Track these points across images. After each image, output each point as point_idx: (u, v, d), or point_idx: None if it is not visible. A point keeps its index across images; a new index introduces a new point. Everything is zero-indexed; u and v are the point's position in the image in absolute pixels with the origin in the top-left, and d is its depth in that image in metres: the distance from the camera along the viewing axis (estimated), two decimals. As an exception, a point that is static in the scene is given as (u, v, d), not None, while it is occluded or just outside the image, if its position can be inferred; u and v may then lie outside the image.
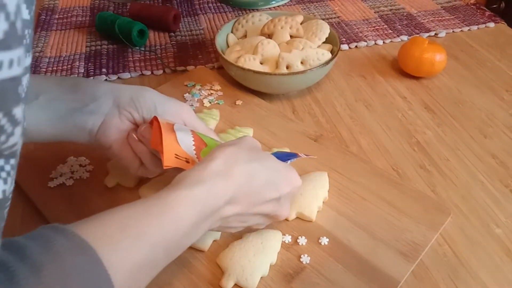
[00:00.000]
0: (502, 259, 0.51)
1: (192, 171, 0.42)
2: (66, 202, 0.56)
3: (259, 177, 0.44)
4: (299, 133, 0.65)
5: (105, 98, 0.50)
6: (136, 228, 0.36)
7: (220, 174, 0.41)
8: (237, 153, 0.44)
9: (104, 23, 0.88)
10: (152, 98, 0.51)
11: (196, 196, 0.40)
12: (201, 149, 0.48)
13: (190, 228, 0.39)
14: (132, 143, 0.50)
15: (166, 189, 0.40)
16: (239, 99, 0.72)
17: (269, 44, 0.73)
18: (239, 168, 0.43)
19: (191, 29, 0.94)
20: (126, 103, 0.50)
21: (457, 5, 1.01)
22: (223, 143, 0.47)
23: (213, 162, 0.42)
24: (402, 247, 0.50)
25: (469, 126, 0.69)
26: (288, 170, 0.48)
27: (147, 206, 0.38)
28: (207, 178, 0.41)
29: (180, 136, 0.47)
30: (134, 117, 0.51)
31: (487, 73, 0.81)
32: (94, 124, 0.50)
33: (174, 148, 0.46)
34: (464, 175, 0.61)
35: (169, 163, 0.46)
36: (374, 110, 0.72)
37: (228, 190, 0.42)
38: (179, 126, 0.49)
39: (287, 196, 0.47)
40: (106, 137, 0.50)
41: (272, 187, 0.45)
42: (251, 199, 0.44)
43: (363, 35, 0.91)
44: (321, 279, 0.47)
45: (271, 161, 0.47)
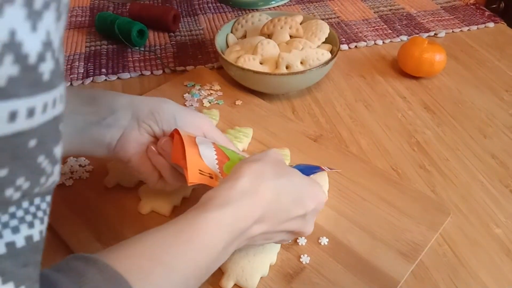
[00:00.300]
0: (502, 259, 0.51)
1: (219, 191, 0.40)
2: (66, 202, 0.56)
3: (286, 194, 0.43)
4: (299, 133, 0.65)
5: (123, 111, 0.49)
6: (167, 256, 0.35)
7: (247, 194, 0.40)
8: (263, 169, 0.43)
9: (103, 23, 0.88)
10: (171, 111, 0.50)
11: (225, 219, 0.38)
12: (224, 163, 0.47)
13: (220, 253, 0.38)
14: (151, 157, 0.49)
15: (193, 210, 0.39)
16: (238, 99, 0.72)
17: (269, 44, 0.73)
18: (266, 186, 0.41)
19: (191, 29, 0.94)
20: (146, 116, 0.49)
21: (456, 5, 1.01)
22: (247, 157, 0.46)
23: (240, 181, 0.41)
24: (402, 247, 0.50)
25: (469, 126, 0.69)
26: (314, 185, 0.46)
27: (176, 231, 0.37)
28: (235, 198, 0.40)
29: (202, 150, 0.46)
30: (153, 130, 0.50)
31: (487, 73, 0.81)
32: (112, 138, 0.48)
33: (198, 164, 0.45)
34: (464, 175, 0.61)
35: (194, 179, 0.44)
36: (373, 110, 0.72)
37: (256, 210, 0.40)
38: (200, 139, 0.47)
39: (313, 212, 0.46)
40: (125, 151, 0.49)
41: (298, 204, 0.44)
42: (278, 217, 0.42)
43: (363, 35, 0.91)
44: (321, 279, 0.47)
45: (297, 177, 0.45)
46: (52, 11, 0.22)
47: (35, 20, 0.21)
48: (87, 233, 0.52)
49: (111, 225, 0.53)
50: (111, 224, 0.53)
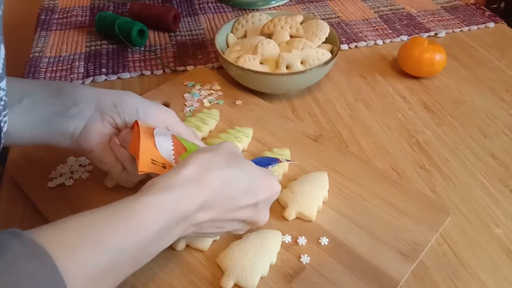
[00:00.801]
0: (502, 259, 0.51)
1: (162, 177, 0.41)
2: (66, 202, 0.56)
3: (235, 183, 0.43)
4: (299, 133, 0.65)
5: (87, 103, 0.50)
6: (97, 235, 0.35)
7: (191, 180, 0.41)
8: (213, 158, 0.43)
9: (104, 23, 0.88)
10: (134, 103, 0.51)
11: (163, 203, 0.39)
12: (180, 153, 0.48)
13: (156, 235, 0.38)
14: (113, 148, 0.50)
15: (134, 195, 0.40)
16: (239, 99, 0.72)
17: (269, 44, 0.73)
18: (214, 174, 0.42)
19: (191, 29, 0.94)
20: (109, 108, 0.50)
21: (457, 5, 1.01)
22: (201, 148, 0.47)
23: (185, 168, 0.41)
24: (402, 247, 0.50)
25: (469, 126, 0.69)
26: (267, 175, 0.47)
27: (110, 212, 0.38)
28: (177, 184, 0.40)
29: (159, 140, 0.47)
30: (116, 122, 0.51)
31: (487, 73, 0.81)
32: (76, 128, 0.50)
33: (151, 153, 0.46)
34: (464, 175, 0.61)
35: (144, 168, 0.45)
36: (374, 110, 0.72)
37: (200, 196, 0.41)
38: (159, 131, 0.48)
39: (266, 201, 0.46)
40: (88, 142, 0.50)
41: (249, 193, 0.44)
42: (226, 205, 0.43)
43: (363, 35, 0.91)
44: (321, 279, 0.47)
45: (249, 167, 0.46)
46: None
47: None
48: (87, 233, 0.52)
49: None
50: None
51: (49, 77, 0.80)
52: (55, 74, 0.80)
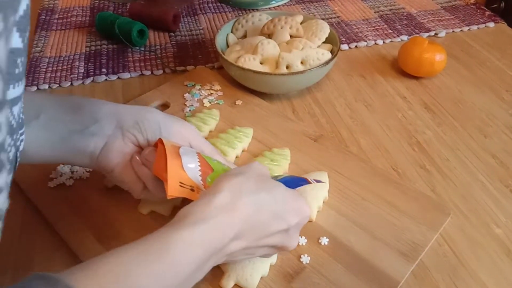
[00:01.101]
0: (502, 259, 0.51)
1: (195, 207, 0.39)
2: (66, 202, 0.56)
3: (266, 209, 0.41)
4: (299, 133, 0.65)
5: (107, 120, 0.48)
6: (132, 277, 0.34)
7: (225, 209, 0.39)
8: (243, 183, 0.41)
9: (104, 23, 0.88)
10: (156, 120, 0.49)
11: (199, 237, 0.37)
12: (207, 174, 0.46)
13: (192, 272, 0.37)
14: (135, 167, 0.48)
15: (167, 227, 0.38)
16: (239, 99, 0.72)
17: (269, 44, 0.73)
18: (245, 201, 0.40)
19: (191, 29, 0.94)
20: (130, 125, 0.48)
21: (457, 5, 1.01)
22: (230, 171, 0.44)
23: (217, 197, 0.39)
24: (402, 247, 0.50)
25: (469, 126, 0.69)
26: (297, 199, 0.45)
27: (144, 250, 0.36)
28: (211, 215, 0.38)
29: (185, 161, 0.45)
30: (138, 139, 0.49)
31: (487, 73, 0.81)
32: (95, 147, 0.48)
33: (179, 176, 0.44)
34: (464, 175, 0.61)
35: (173, 193, 0.43)
36: (374, 110, 0.72)
37: (234, 226, 0.39)
38: (185, 150, 0.46)
39: (296, 227, 0.44)
40: (108, 161, 0.48)
41: (280, 219, 0.42)
42: (258, 233, 0.41)
43: (363, 35, 0.91)
44: (321, 279, 0.47)
45: (279, 190, 0.44)
46: None
47: None
48: (87, 233, 0.52)
49: (111, 225, 0.53)
50: (111, 224, 0.53)
51: (49, 77, 0.80)
52: (55, 74, 0.80)
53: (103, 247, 0.50)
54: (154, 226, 0.53)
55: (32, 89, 0.77)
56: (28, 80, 0.79)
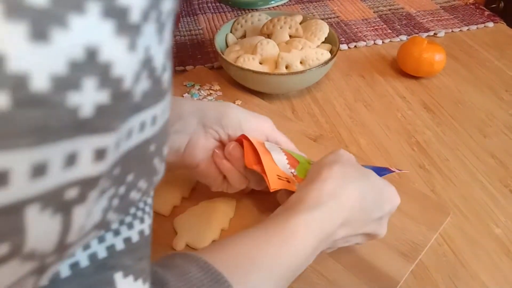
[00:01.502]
0: (502, 259, 0.51)
1: (307, 193, 0.41)
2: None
3: (368, 196, 0.43)
4: (298, 133, 0.65)
5: (190, 117, 0.49)
6: (264, 259, 0.36)
7: (334, 196, 0.40)
8: (345, 171, 0.43)
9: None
10: (237, 116, 0.50)
11: (315, 221, 0.39)
12: (294, 166, 0.48)
13: (311, 254, 0.39)
14: (218, 162, 0.49)
15: (284, 212, 0.40)
16: (238, 99, 0.72)
17: (268, 44, 0.72)
18: (351, 189, 0.42)
19: (190, 29, 0.94)
20: (212, 122, 0.49)
21: (456, 5, 1.01)
22: (321, 160, 0.46)
23: (326, 183, 0.41)
24: (402, 247, 0.50)
25: (468, 126, 0.69)
26: (389, 187, 0.46)
27: (269, 234, 0.38)
28: (323, 200, 0.40)
29: (274, 155, 0.47)
30: (220, 135, 0.50)
31: (487, 73, 0.81)
32: (181, 144, 0.49)
33: (275, 169, 0.46)
34: (463, 175, 0.61)
35: (275, 185, 0.45)
36: (373, 110, 0.72)
37: (343, 213, 0.41)
38: (269, 145, 0.48)
39: (388, 215, 0.45)
40: (193, 157, 0.49)
41: (378, 207, 0.43)
42: (360, 220, 0.42)
43: (362, 35, 0.91)
44: (321, 279, 0.47)
45: (375, 178, 0.45)
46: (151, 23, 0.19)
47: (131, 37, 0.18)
48: (86, 233, 0.52)
49: (111, 225, 0.53)
50: (111, 224, 0.53)
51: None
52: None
53: (102, 247, 0.50)
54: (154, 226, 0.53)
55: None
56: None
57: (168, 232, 0.52)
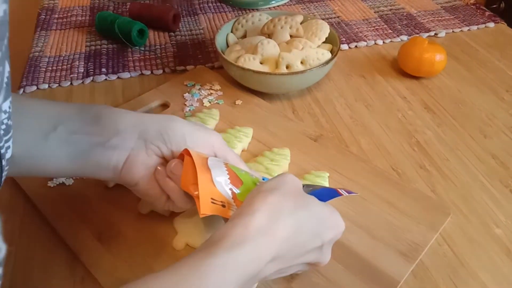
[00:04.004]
0: (502, 259, 0.51)
1: (231, 229, 0.36)
2: (66, 202, 0.56)
3: (304, 228, 0.40)
4: (299, 133, 0.65)
5: (129, 132, 0.46)
6: None
7: (263, 232, 0.37)
8: (280, 202, 0.39)
9: (104, 22, 0.88)
10: (181, 130, 0.47)
11: (236, 262, 0.35)
12: (237, 187, 0.44)
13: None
14: (160, 180, 0.46)
15: (201, 252, 0.35)
16: (239, 99, 0.72)
17: (269, 44, 0.72)
18: (284, 222, 0.38)
19: (191, 29, 0.94)
20: (153, 136, 0.46)
21: (457, 5, 1.01)
22: (262, 184, 0.42)
23: (255, 217, 0.37)
24: (402, 247, 0.50)
25: (469, 126, 0.69)
26: (332, 214, 0.43)
27: (179, 279, 0.33)
28: (249, 238, 0.36)
29: (215, 174, 0.43)
30: (162, 151, 0.47)
31: (487, 73, 0.81)
32: (118, 160, 0.45)
33: (210, 191, 0.42)
34: (464, 175, 0.61)
35: (206, 211, 0.41)
36: (374, 110, 0.72)
37: (271, 250, 0.37)
38: (213, 161, 0.44)
39: (330, 242, 0.43)
40: (132, 174, 0.46)
41: (316, 237, 0.41)
42: (294, 253, 0.40)
43: (363, 35, 0.91)
44: (321, 279, 0.47)
45: (316, 207, 0.42)
46: None
47: None
48: (87, 232, 0.52)
49: (111, 225, 0.53)
50: (111, 223, 0.53)
51: (48, 77, 0.80)
52: (55, 73, 0.80)
53: (103, 246, 0.50)
54: (154, 226, 0.53)
55: (32, 88, 0.77)
56: (27, 79, 0.79)
57: (168, 232, 0.52)
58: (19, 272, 0.49)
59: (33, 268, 0.49)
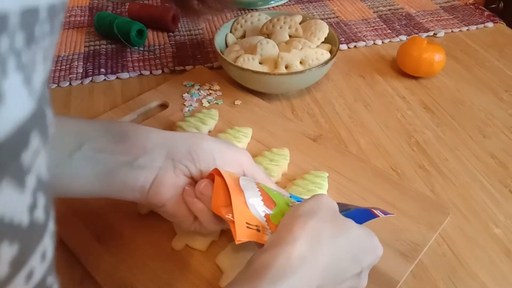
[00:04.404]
0: (501, 259, 0.51)
1: (274, 259, 0.35)
2: (66, 202, 0.55)
3: (344, 255, 0.39)
4: (298, 133, 0.65)
5: (157, 151, 0.44)
6: None
7: (305, 262, 0.36)
8: (320, 228, 0.38)
9: (102, 23, 0.88)
10: (210, 149, 0.45)
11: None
12: (270, 209, 0.41)
13: None
14: (188, 201, 0.44)
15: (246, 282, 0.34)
16: (238, 99, 0.72)
17: (268, 44, 0.72)
18: (326, 250, 0.37)
19: (190, 29, 0.94)
20: (182, 156, 0.44)
21: (456, 5, 1.01)
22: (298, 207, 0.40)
23: (297, 246, 0.36)
24: (402, 247, 0.50)
25: (468, 126, 0.69)
26: (371, 238, 0.42)
27: None
28: (292, 269, 0.35)
29: (248, 196, 0.41)
30: (190, 171, 0.45)
31: (486, 73, 0.81)
32: (146, 181, 0.44)
33: (245, 216, 0.40)
34: (463, 175, 0.61)
35: (242, 237, 0.39)
36: (373, 110, 0.72)
37: (315, 279, 0.36)
38: (244, 181, 0.42)
39: (368, 267, 0.42)
40: (160, 196, 0.44)
41: (355, 263, 0.40)
42: (336, 280, 0.38)
43: (362, 35, 0.91)
44: (320, 279, 0.47)
45: (354, 231, 0.40)
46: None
47: None
48: (87, 233, 0.52)
49: (111, 225, 0.53)
50: (111, 224, 0.53)
51: (48, 77, 0.79)
52: (54, 74, 0.80)
53: (103, 247, 0.50)
54: (153, 226, 0.53)
55: (31, 89, 0.77)
56: (26, 80, 0.78)
57: (168, 232, 0.52)
58: (18, 272, 0.49)
59: (32, 269, 0.49)
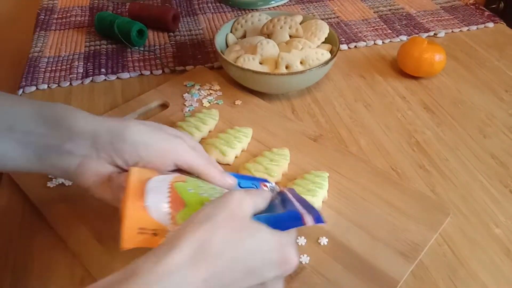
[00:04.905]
0: (502, 259, 0.51)
1: (145, 263, 0.32)
2: (66, 202, 0.55)
3: (240, 266, 0.34)
4: (298, 133, 0.65)
5: (82, 138, 0.44)
6: None
7: (179, 271, 0.32)
8: (211, 235, 0.34)
9: (103, 23, 0.88)
10: (133, 141, 0.44)
11: None
12: (178, 210, 0.39)
13: None
14: (113, 190, 0.44)
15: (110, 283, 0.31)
16: (238, 99, 0.72)
17: (269, 44, 0.73)
18: (210, 261, 0.33)
19: (190, 29, 0.94)
20: (105, 147, 0.44)
21: (456, 5, 1.01)
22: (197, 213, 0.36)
23: (174, 252, 0.32)
24: (402, 247, 0.50)
25: (468, 126, 0.69)
26: (282, 249, 0.37)
27: None
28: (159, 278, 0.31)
29: (151, 198, 0.39)
30: (115, 161, 0.44)
31: (487, 73, 0.81)
32: (70, 166, 0.45)
33: (139, 220, 0.38)
34: (463, 175, 0.61)
35: (128, 244, 0.37)
36: (373, 110, 0.72)
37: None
38: (155, 182, 0.40)
39: (277, 279, 0.37)
40: (83, 180, 0.45)
41: (252, 275, 0.35)
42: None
43: (363, 35, 0.91)
44: (320, 279, 0.47)
45: (259, 240, 0.36)
46: None
47: None
48: (87, 233, 0.52)
49: (111, 225, 0.53)
50: (111, 224, 0.53)
51: (48, 77, 0.80)
52: (54, 74, 0.80)
53: (103, 247, 0.50)
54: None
55: (31, 89, 0.77)
56: (27, 80, 0.79)
57: (168, 232, 0.52)
58: (19, 272, 0.49)
59: (33, 268, 0.49)
